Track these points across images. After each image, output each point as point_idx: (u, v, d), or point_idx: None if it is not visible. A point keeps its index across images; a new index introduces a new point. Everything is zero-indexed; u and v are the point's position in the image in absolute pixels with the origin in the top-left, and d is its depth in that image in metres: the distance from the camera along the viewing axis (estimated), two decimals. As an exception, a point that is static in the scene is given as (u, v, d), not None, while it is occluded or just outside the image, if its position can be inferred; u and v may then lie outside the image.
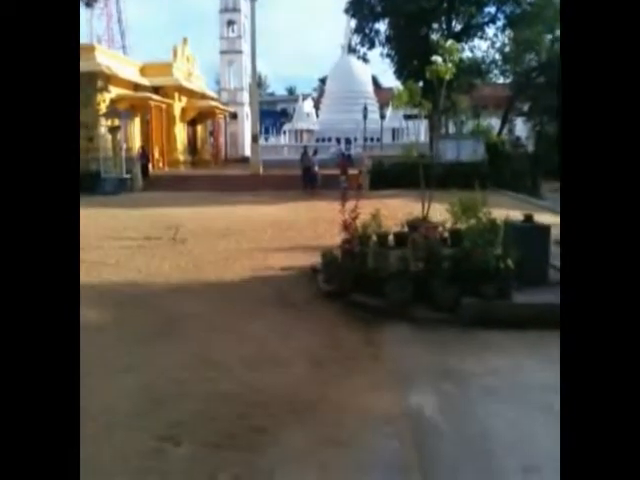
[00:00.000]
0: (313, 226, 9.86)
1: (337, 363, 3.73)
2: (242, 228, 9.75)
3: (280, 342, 4.16)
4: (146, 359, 3.78)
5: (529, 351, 3.91)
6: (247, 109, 35.10)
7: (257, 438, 2.73)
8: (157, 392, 3.26)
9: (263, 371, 3.62)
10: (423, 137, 22.96)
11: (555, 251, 5.74)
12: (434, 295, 4.70)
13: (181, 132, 26.64)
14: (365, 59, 23.11)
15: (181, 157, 26.19)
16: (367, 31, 21.88)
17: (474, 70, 21.23)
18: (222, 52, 37.59)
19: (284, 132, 35.20)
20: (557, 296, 4.65)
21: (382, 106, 31.63)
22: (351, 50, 23.53)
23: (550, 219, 6.87)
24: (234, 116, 35.49)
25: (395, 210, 8.85)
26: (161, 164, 23.87)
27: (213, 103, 29.40)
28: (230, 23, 36.94)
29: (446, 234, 5.99)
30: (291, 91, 61.32)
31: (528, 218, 5.47)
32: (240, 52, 36.27)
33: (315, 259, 6.17)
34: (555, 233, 5.68)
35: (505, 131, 24.99)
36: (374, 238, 5.85)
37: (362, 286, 5.10)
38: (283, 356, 3.86)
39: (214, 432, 2.80)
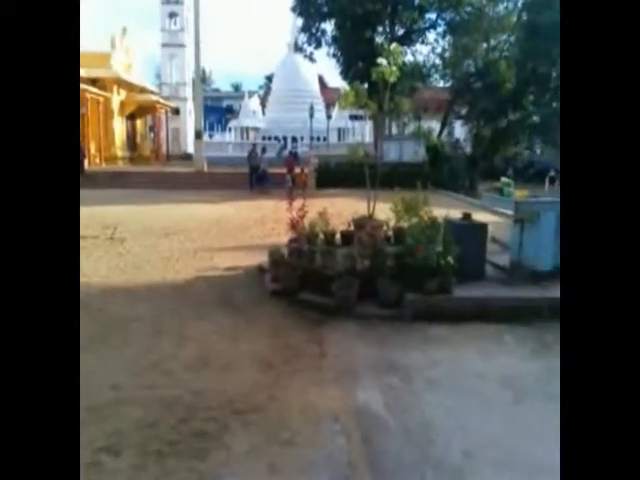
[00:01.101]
0: (260, 225, 9.76)
1: (285, 363, 3.71)
2: (185, 227, 9.45)
3: (226, 344, 4.07)
4: (83, 365, 3.56)
5: (468, 343, 4.10)
6: (190, 104, 34.10)
7: (201, 443, 2.66)
8: (95, 400, 3.07)
9: (208, 374, 3.52)
10: (368, 137, 23.43)
11: (491, 248, 6.09)
12: (380, 292, 4.80)
13: (119, 127, 25.38)
14: (312, 58, 23.20)
15: (119, 153, 24.95)
16: (313, 30, 21.97)
17: (416, 73, 21.96)
18: (163, 45, 36.23)
19: (229, 129, 34.51)
20: (494, 290, 4.97)
21: (328, 106, 31.93)
22: (297, 48, 23.52)
23: (486, 217, 7.25)
24: (176, 111, 34.33)
25: (341, 209, 8.97)
26: (98, 160, 22.60)
27: (154, 97, 28.27)
28: (172, 15, 35.69)
29: (390, 232, 6.15)
30: (237, 87, 60.29)
31: (466, 216, 5.73)
32: (182, 46, 35.14)
33: (262, 258, 6.11)
34: (491, 230, 6.02)
35: (445, 133, 26.07)
36: (321, 237, 5.89)
37: (310, 285, 5.12)
38: (229, 358, 3.78)
39: (156, 440, 2.68)
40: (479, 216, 6.53)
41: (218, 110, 44.96)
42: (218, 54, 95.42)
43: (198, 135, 21.11)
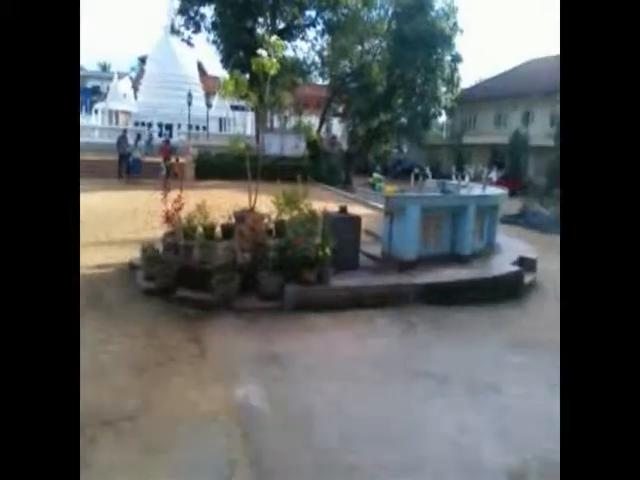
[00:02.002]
0: (131, 218, 9.02)
1: (160, 365, 3.49)
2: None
3: (94, 349, 3.68)
4: None
5: (344, 328, 4.33)
6: (46, 81, 29.92)
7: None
8: None
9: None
10: (250, 129, 23.20)
11: (365, 239, 6.51)
12: (260, 285, 4.80)
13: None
14: (189, 43, 22.13)
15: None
16: (192, 14, 20.92)
17: (296, 69, 22.33)
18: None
19: (95, 112, 31.12)
20: (366, 278, 5.32)
21: (208, 94, 30.70)
22: (174, 31, 22.16)
23: (361, 210, 7.72)
24: (28, 88, 29.86)
25: (223, 201, 8.72)
26: None
27: None
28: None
29: (272, 225, 6.18)
30: (104, 67, 54.62)
31: (343, 210, 6.03)
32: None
33: (134, 254, 5.66)
34: (365, 223, 6.43)
35: (323, 130, 27.01)
36: (200, 230, 5.66)
37: (187, 281, 4.89)
38: (97, 364, 3.43)
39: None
40: (354, 209, 6.92)
41: (82, 91, 40.26)
42: (83, 29, 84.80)
43: (56, 116, 18.62)
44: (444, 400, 3.25)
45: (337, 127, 32.24)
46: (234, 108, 28.80)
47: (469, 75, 51.00)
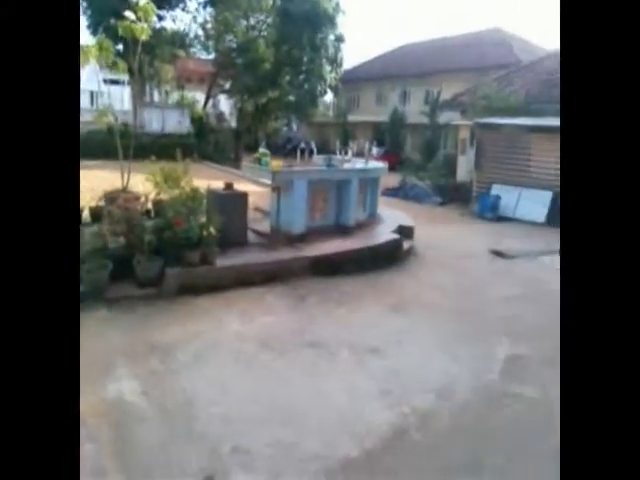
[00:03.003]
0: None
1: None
2: None
3: None
4: None
5: (230, 309, 4.14)
6: None
7: None
8: None
9: None
10: (127, 104, 21.22)
11: (254, 216, 6.35)
12: (137, 270, 4.39)
13: None
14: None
15: None
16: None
17: (177, 41, 20.81)
18: None
19: None
20: (254, 255, 5.16)
21: (75, 64, 27.28)
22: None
23: (249, 187, 7.49)
24: None
25: (96, 183, 7.84)
26: None
27: None
28: None
29: (150, 205, 5.73)
30: None
31: (228, 186, 5.76)
32: None
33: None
34: (254, 200, 6.25)
35: (210, 106, 25.79)
36: (63, 214, 4.99)
37: (47, 272, 4.27)
38: None
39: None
40: (242, 186, 6.66)
41: None
42: None
43: None
44: (331, 367, 3.28)
45: (225, 104, 31.02)
46: (111, 82, 26.05)
47: (350, 56, 52.47)
